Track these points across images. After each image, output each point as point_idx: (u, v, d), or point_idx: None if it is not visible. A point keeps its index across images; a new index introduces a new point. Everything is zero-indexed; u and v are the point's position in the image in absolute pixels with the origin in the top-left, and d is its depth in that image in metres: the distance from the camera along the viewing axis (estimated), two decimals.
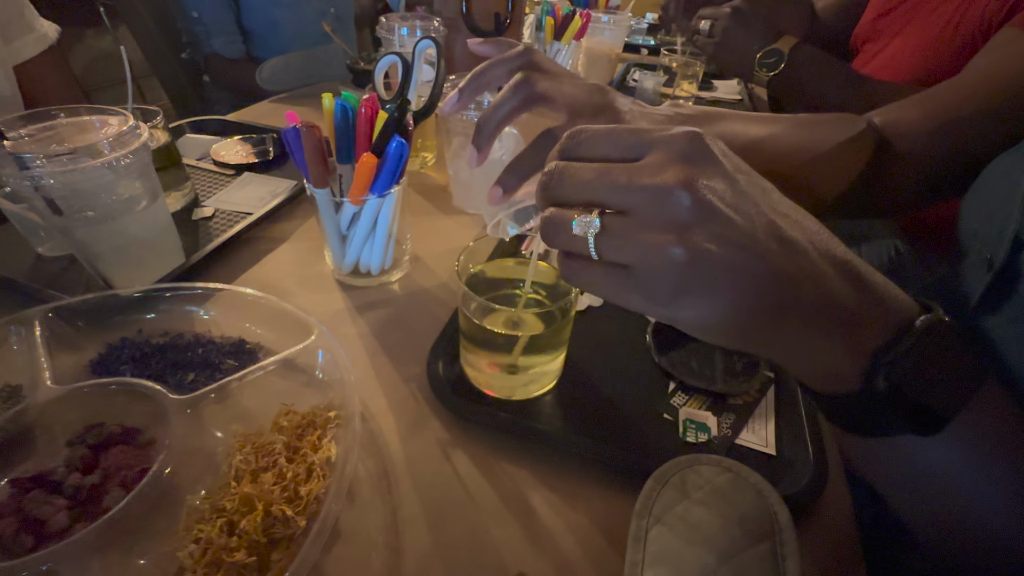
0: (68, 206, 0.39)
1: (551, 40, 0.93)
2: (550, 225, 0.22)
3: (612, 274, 0.21)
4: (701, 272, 0.19)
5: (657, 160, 0.20)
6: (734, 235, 0.19)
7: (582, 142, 0.22)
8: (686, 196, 0.19)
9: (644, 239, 0.19)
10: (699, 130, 0.20)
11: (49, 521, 0.28)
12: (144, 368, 0.37)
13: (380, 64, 0.47)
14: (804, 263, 0.20)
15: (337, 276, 0.49)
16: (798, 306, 0.20)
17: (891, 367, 0.20)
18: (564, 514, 0.31)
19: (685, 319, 0.21)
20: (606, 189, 0.20)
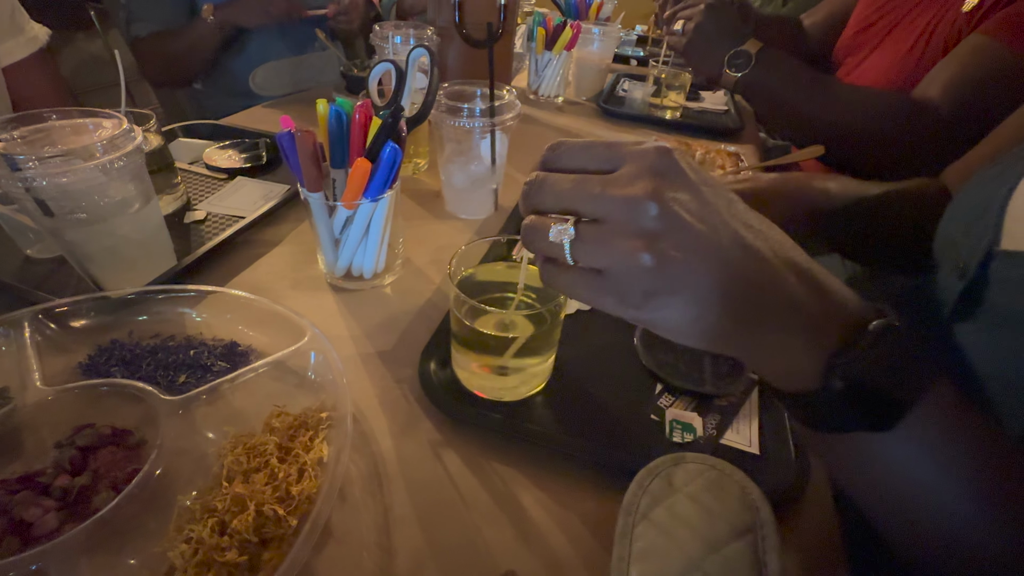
0: (59, 207, 0.39)
1: (542, 50, 0.95)
2: (530, 232, 0.23)
3: (587, 278, 0.22)
4: (668, 277, 0.20)
5: (629, 172, 0.21)
6: (698, 243, 0.20)
7: (562, 154, 0.24)
8: (654, 206, 0.20)
9: (615, 246, 0.21)
10: (668, 145, 0.22)
11: (37, 523, 0.27)
12: (134, 370, 0.37)
13: (374, 71, 0.48)
14: (766, 270, 0.21)
15: (330, 279, 0.49)
16: (761, 310, 0.21)
17: (846, 367, 0.21)
18: (554, 513, 0.31)
19: (655, 321, 0.22)
20: (581, 198, 0.22)
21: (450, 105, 0.53)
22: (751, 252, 0.21)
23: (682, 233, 0.20)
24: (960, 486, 0.22)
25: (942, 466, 0.22)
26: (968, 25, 0.71)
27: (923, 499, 0.23)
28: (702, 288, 0.21)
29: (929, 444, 0.22)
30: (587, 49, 1.02)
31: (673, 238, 0.20)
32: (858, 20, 0.95)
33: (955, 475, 0.22)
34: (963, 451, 0.22)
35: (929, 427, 0.22)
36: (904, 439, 0.22)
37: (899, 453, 0.22)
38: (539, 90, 1.00)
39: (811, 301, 0.22)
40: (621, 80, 1.12)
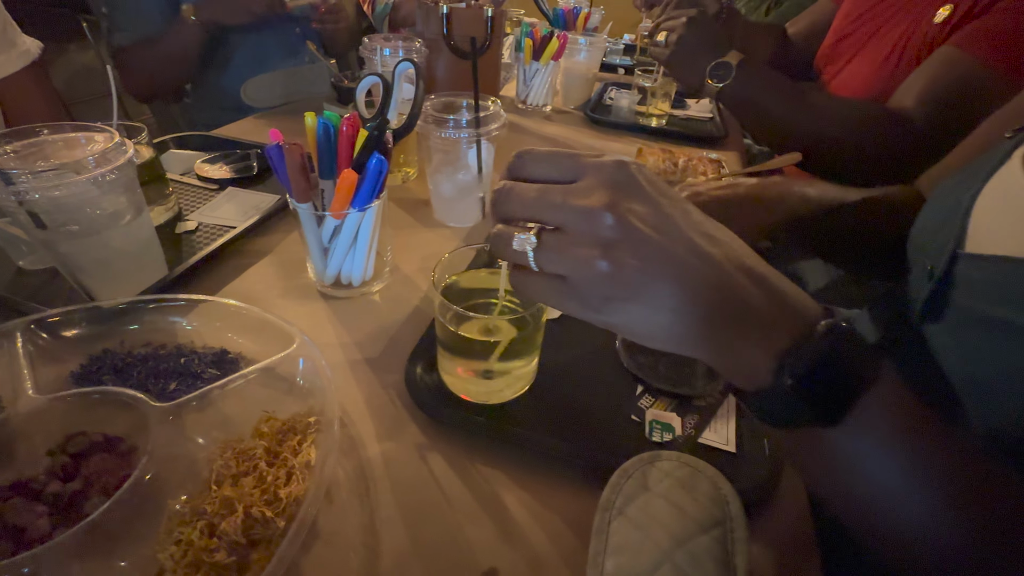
0: (52, 220, 0.39)
1: (530, 60, 0.97)
2: (496, 240, 0.25)
3: (552, 283, 0.24)
4: (624, 283, 0.22)
5: (588, 184, 0.23)
6: (652, 251, 0.22)
7: (528, 162, 0.25)
8: (609, 217, 0.22)
9: (575, 253, 0.22)
10: (627, 159, 0.23)
11: (29, 528, 0.28)
12: (126, 378, 0.38)
13: (362, 84, 0.49)
14: (721, 276, 0.23)
15: (319, 288, 0.50)
16: (716, 313, 0.22)
17: (794, 365, 0.22)
18: (535, 511, 0.32)
19: (615, 324, 0.23)
20: (544, 208, 0.23)
21: (437, 117, 0.54)
22: (706, 259, 0.23)
23: (636, 241, 0.22)
24: (907, 480, 0.23)
25: (890, 460, 0.23)
26: (940, 36, 0.74)
27: (873, 493, 0.24)
28: (658, 293, 0.22)
29: (875, 437, 0.23)
30: (574, 59, 1.04)
31: (628, 246, 0.22)
32: (837, 30, 0.98)
33: (902, 469, 0.23)
34: (910, 445, 0.23)
35: (875, 421, 0.23)
36: (852, 433, 0.23)
37: (849, 447, 0.23)
38: (527, 99, 1.02)
39: (764, 304, 0.23)
40: (609, 89, 1.14)
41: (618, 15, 1.69)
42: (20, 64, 0.70)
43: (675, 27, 0.85)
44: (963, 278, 0.36)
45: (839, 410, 0.23)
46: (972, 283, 0.35)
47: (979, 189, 0.35)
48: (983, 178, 0.35)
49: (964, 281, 0.36)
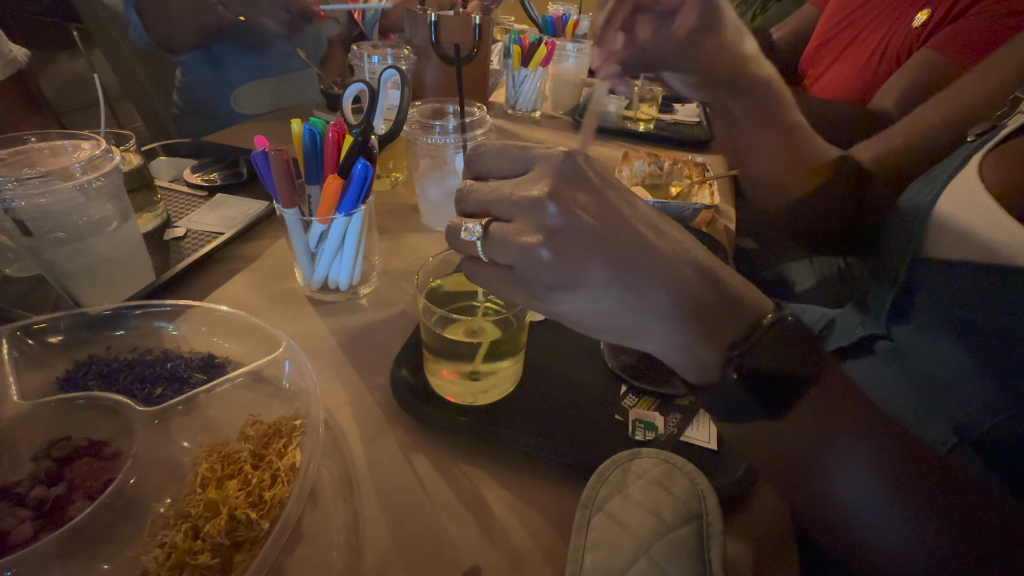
0: (38, 227, 0.40)
1: (519, 66, 0.98)
2: (449, 232, 0.25)
3: (500, 273, 0.24)
4: (566, 272, 0.22)
5: (535, 175, 0.23)
6: (594, 241, 0.22)
7: (481, 156, 0.26)
8: (552, 206, 0.22)
9: (519, 242, 0.22)
10: (575, 150, 0.24)
11: (12, 532, 0.28)
12: (112, 383, 0.38)
13: (348, 91, 0.50)
14: (665, 268, 0.23)
15: (307, 292, 0.50)
16: (660, 306, 0.23)
17: (739, 359, 0.22)
18: (517, 510, 0.32)
19: (560, 313, 0.24)
20: (496, 202, 0.24)
21: (423, 123, 0.55)
22: (651, 250, 0.23)
23: (579, 230, 0.22)
24: (850, 470, 0.23)
25: (836, 454, 0.24)
26: (918, 40, 0.76)
27: (822, 488, 0.24)
28: (600, 283, 0.22)
29: (820, 431, 0.23)
30: (563, 65, 1.05)
31: (570, 235, 0.22)
32: (820, 34, 1.00)
33: (845, 459, 0.23)
34: (855, 439, 0.24)
35: (820, 414, 0.23)
36: (797, 427, 0.23)
37: (794, 441, 0.24)
38: (516, 105, 1.03)
39: (712, 299, 0.23)
40: None
41: None
42: (7, 72, 0.70)
43: None
44: (924, 282, 0.37)
45: (784, 404, 0.23)
46: (932, 287, 0.36)
47: (938, 194, 0.36)
48: (943, 182, 0.36)
49: (925, 284, 0.36)
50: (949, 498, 0.24)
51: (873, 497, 0.23)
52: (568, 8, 1.53)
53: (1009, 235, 0.30)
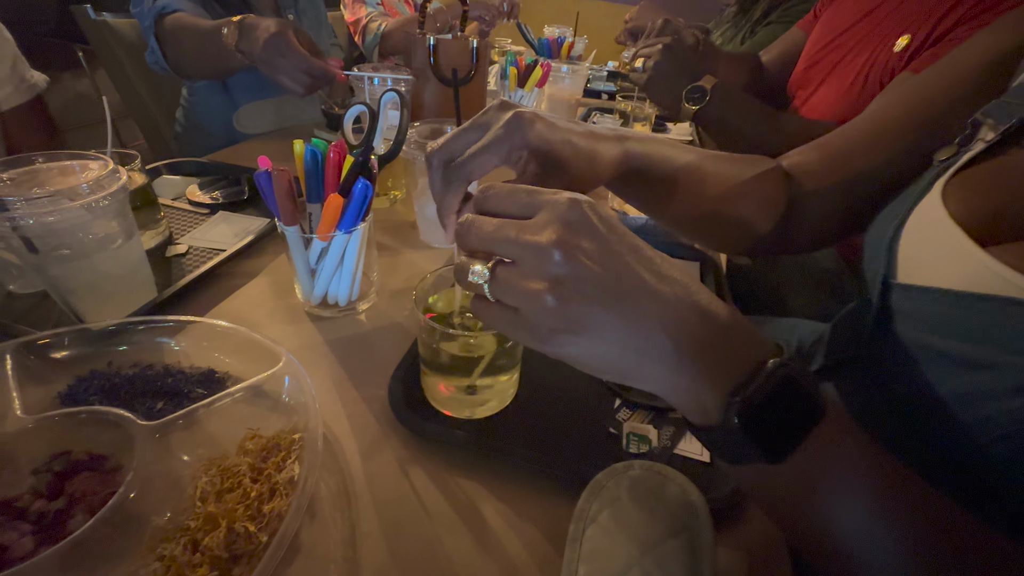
0: (44, 244, 0.41)
1: (515, 87, 1.00)
2: (458, 272, 0.26)
3: (505, 314, 0.25)
4: (570, 317, 0.23)
5: (541, 220, 0.24)
6: (596, 288, 0.23)
7: (489, 197, 0.26)
8: (558, 253, 0.23)
9: (525, 287, 0.23)
10: (581, 197, 0.24)
11: (13, 546, 0.28)
12: (113, 398, 0.38)
13: (349, 113, 0.51)
14: (668, 313, 0.23)
15: (307, 308, 0.51)
16: (662, 349, 0.23)
17: (741, 405, 0.23)
18: (513, 522, 0.33)
19: (563, 355, 0.24)
20: (500, 242, 0.24)
21: (421, 143, 0.57)
22: (654, 295, 0.23)
23: (582, 278, 0.23)
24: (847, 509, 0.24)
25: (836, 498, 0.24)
26: (900, 64, 0.78)
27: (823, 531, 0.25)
28: (603, 328, 0.23)
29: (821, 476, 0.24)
30: (558, 86, 1.08)
31: (574, 282, 0.23)
32: (807, 57, 1.03)
33: (842, 500, 0.24)
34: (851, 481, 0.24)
35: (821, 459, 0.24)
36: (798, 471, 0.24)
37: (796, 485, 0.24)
38: None
39: (713, 342, 0.24)
40: (592, 113, 1.18)
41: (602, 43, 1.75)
42: (27, 96, 0.74)
43: (652, 54, 0.89)
44: (898, 307, 0.37)
45: (784, 450, 0.24)
46: (906, 312, 0.37)
47: (904, 219, 0.37)
48: (909, 207, 0.37)
49: (899, 310, 0.37)
50: (947, 539, 0.24)
51: (870, 536, 0.23)
52: (563, 31, 1.57)
53: (970, 261, 0.31)
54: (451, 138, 0.33)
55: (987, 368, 0.31)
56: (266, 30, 0.72)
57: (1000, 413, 0.30)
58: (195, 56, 0.87)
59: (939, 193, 0.36)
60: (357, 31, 1.49)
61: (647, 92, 0.91)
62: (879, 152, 0.46)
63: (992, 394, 0.30)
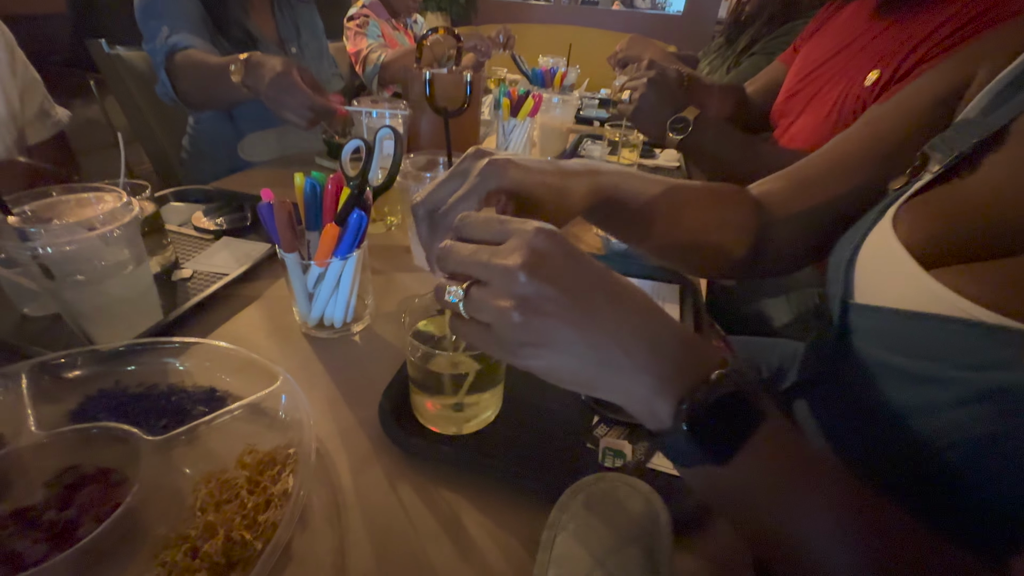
0: (61, 271, 0.44)
1: (508, 117, 1.05)
2: (438, 292, 0.29)
3: (479, 330, 0.28)
4: (534, 332, 0.26)
5: (511, 246, 0.27)
6: (557, 307, 0.26)
7: (467, 225, 0.29)
8: (524, 275, 0.26)
9: (494, 305, 0.26)
10: (548, 226, 0.27)
11: (26, 552, 0.31)
12: (120, 416, 0.41)
13: (347, 147, 0.55)
14: (620, 330, 0.26)
15: (304, 329, 0.54)
16: (617, 362, 0.26)
17: (688, 412, 0.25)
18: (492, 532, 0.35)
19: (531, 367, 0.27)
20: (473, 265, 0.27)
21: (415, 174, 0.60)
22: (607, 315, 0.26)
23: (545, 298, 0.26)
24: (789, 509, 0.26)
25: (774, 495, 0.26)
26: (871, 97, 0.83)
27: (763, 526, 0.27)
28: (564, 342, 0.26)
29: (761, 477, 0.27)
30: (550, 115, 1.13)
31: (537, 301, 0.26)
32: (786, 89, 1.08)
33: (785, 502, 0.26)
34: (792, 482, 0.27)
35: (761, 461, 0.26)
36: (740, 471, 0.26)
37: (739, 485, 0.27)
38: (507, 150, 1.10)
39: (663, 355, 0.27)
40: (583, 141, 1.23)
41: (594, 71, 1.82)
42: (52, 132, 0.80)
43: (638, 86, 0.94)
44: (855, 326, 0.40)
45: (727, 452, 0.26)
46: (862, 330, 0.40)
47: (859, 243, 0.40)
48: (863, 233, 0.41)
49: (857, 328, 0.40)
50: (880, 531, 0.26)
51: (813, 532, 0.26)
52: (557, 61, 1.64)
53: (915, 282, 0.34)
54: (433, 189, 0.36)
55: (932, 382, 0.34)
56: (272, 69, 0.77)
57: (946, 423, 0.32)
58: (203, 90, 0.92)
59: (890, 219, 0.39)
60: (358, 61, 1.55)
61: (634, 122, 0.95)
62: (840, 181, 0.50)
63: (938, 406, 0.33)
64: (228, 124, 1.14)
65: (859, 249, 0.40)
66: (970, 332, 0.32)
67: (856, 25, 0.96)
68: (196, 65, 0.89)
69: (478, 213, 0.30)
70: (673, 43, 3.31)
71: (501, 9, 3.97)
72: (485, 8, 3.91)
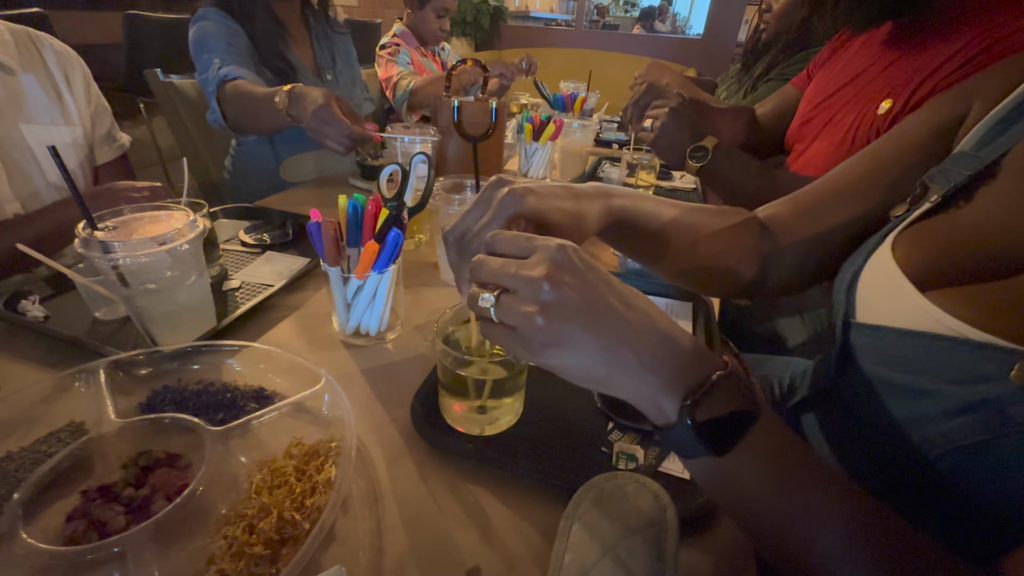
0: (134, 280, 0.50)
1: (530, 140, 1.11)
2: (470, 299, 0.33)
3: (506, 332, 0.31)
4: (555, 334, 0.29)
5: (535, 259, 0.31)
6: (574, 312, 0.29)
7: (497, 242, 0.33)
8: (547, 284, 0.29)
9: (521, 310, 0.30)
10: (568, 243, 0.31)
11: (110, 522, 0.36)
12: (182, 409, 0.46)
13: (384, 171, 0.61)
14: (631, 333, 0.30)
15: (341, 337, 0.59)
16: (628, 363, 0.30)
17: (692, 408, 0.29)
18: (513, 521, 0.39)
19: (551, 365, 0.31)
20: (503, 276, 0.31)
21: (445, 196, 0.66)
22: (620, 319, 0.30)
23: (565, 304, 0.29)
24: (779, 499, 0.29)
25: (765, 480, 0.30)
26: (884, 125, 0.85)
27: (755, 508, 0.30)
28: (580, 343, 0.29)
29: (755, 463, 0.30)
30: (570, 139, 1.18)
31: (559, 307, 0.29)
32: (801, 114, 1.11)
33: (775, 487, 0.29)
34: (781, 466, 0.30)
35: (756, 450, 0.30)
36: (737, 463, 0.30)
37: (735, 472, 0.30)
38: (528, 173, 1.15)
39: (669, 357, 0.30)
40: (602, 163, 1.28)
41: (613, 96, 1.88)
42: (117, 154, 0.89)
43: (660, 115, 0.99)
44: (856, 343, 0.43)
45: (726, 443, 0.29)
46: (862, 347, 0.42)
47: (861, 267, 0.43)
48: (864, 256, 0.43)
49: (857, 345, 0.43)
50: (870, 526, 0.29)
51: (808, 524, 0.29)
52: (578, 86, 1.70)
53: (911, 303, 0.37)
54: (461, 218, 0.41)
55: (925, 395, 0.36)
56: (314, 102, 0.84)
57: (938, 435, 0.35)
58: (250, 117, 1.00)
59: (890, 244, 0.42)
60: (388, 87, 1.64)
61: (654, 149, 1.00)
62: (843, 207, 0.53)
63: (930, 418, 0.36)
64: (268, 147, 1.23)
65: (860, 272, 0.43)
66: (959, 349, 0.34)
67: (867, 55, 1.00)
68: (244, 95, 0.97)
69: (507, 231, 0.34)
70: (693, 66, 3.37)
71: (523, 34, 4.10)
72: (508, 33, 4.05)
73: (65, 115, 0.81)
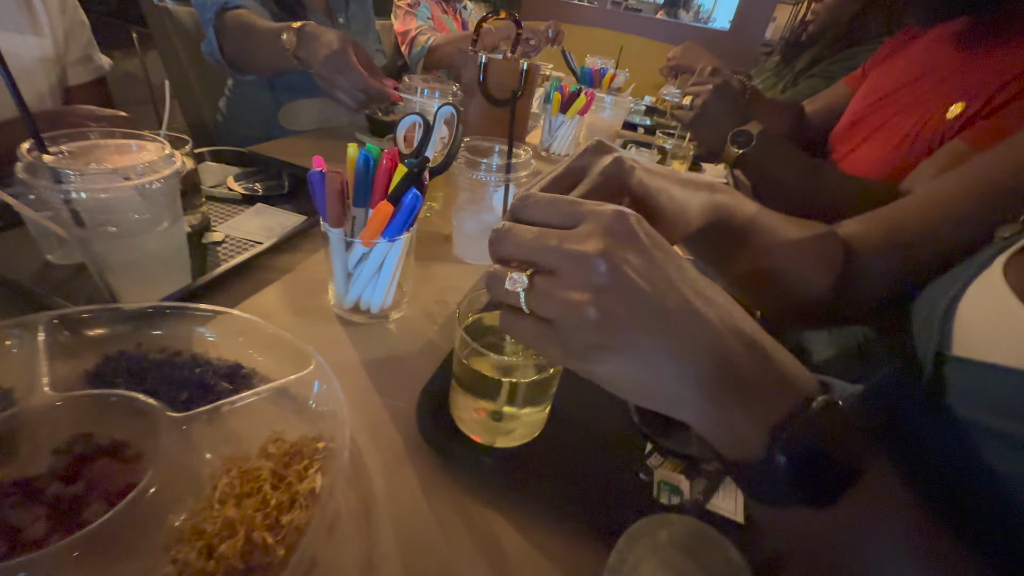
0: (92, 220, 0.41)
1: (557, 112, 1.01)
2: (491, 280, 0.25)
3: (538, 326, 0.23)
4: (610, 333, 0.22)
5: (585, 230, 0.23)
6: (642, 303, 0.22)
7: (529, 206, 0.25)
8: (603, 263, 0.21)
9: (565, 297, 0.22)
10: (626, 209, 0.23)
11: (26, 528, 0.27)
12: (139, 382, 0.37)
13: (403, 122, 0.52)
14: (712, 337, 0.22)
15: (337, 311, 0.51)
16: (702, 375, 0.22)
17: (788, 441, 0.21)
18: (533, 560, 0.31)
19: (595, 374, 0.23)
20: (539, 251, 0.23)
21: (470, 159, 0.57)
22: (698, 318, 0.22)
23: (627, 291, 0.21)
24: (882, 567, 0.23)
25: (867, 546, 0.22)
26: (951, 131, 0.78)
27: None
28: (642, 348, 0.22)
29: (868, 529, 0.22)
30: (599, 115, 1.09)
31: (618, 295, 0.21)
32: (851, 113, 1.03)
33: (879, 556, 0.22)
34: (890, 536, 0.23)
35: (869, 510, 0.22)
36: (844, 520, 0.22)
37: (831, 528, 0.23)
38: (551, 148, 1.06)
39: (758, 372, 0.23)
40: (628, 146, 1.19)
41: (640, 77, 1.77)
42: (92, 76, 0.78)
43: (702, 92, 0.89)
44: (951, 380, 0.36)
45: (830, 495, 0.22)
46: (960, 386, 0.36)
47: (960, 292, 0.36)
48: (965, 282, 0.36)
49: (953, 383, 0.36)
50: None
51: None
52: (606, 62, 1.59)
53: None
54: (547, 184, 0.31)
55: None
56: (327, 45, 0.73)
57: None
58: (251, 53, 0.89)
59: (1000, 269, 0.35)
60: (405, 42, 1.52)
61: (692, 130, 0.91)
62: (937, 227, 0.46)
63: None
64: (267, 91, 1.11)
65: (958, 299, 0.36)
66: None
67: (934, 54, 0.91)
68: (246, 27, 0.86)
69: (541, 193, 0.25)
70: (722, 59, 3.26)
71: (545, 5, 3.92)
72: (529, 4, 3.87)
73: (33, 24, 0.70)
